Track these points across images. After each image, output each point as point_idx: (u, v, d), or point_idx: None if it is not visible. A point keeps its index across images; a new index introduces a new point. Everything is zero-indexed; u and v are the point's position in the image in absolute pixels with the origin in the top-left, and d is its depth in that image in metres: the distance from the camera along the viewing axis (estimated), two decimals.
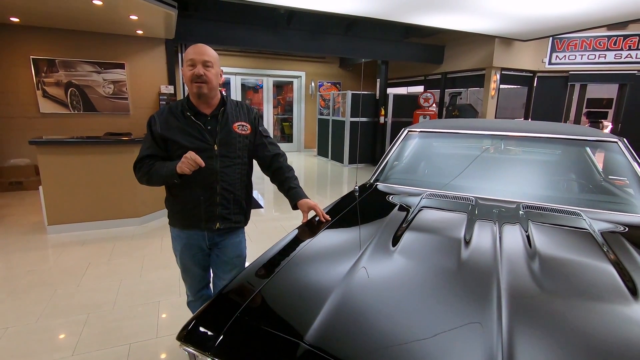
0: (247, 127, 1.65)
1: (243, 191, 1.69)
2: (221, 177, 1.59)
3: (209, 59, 1.52)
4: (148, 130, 1.58)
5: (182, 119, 1.56)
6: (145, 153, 1.58)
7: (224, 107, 1.61)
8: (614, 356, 0.83)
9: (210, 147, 1.55)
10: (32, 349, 2.03)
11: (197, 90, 1.50)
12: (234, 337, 0.98)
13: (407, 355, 0.86)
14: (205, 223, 1.61)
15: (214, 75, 1.53)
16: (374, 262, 1.26)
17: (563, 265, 1.22)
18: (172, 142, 1.54)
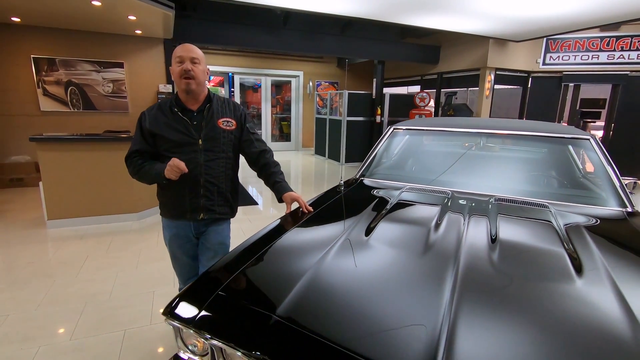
0: (232, 122, 1.73)
1: (228, 184, 1.77)
2: (205, 170, 1.67)
3: (196, 56, 1.61)
4: (138, 126, 1.68)
5: (169, 114, 1.65)
6: (134, 148, 1.67)
7: (210, 104, 1.69)
8: (553, 325, 0.94)
9: (195, 141, 1.64)
10: (32, 334, 2.14)
11: (186, 86, 1.59)
12: (213, 312, 1.09)
13: (367, 325, 0.97)
14: (190, 214, 1.70)
15: (201, 71, 1.62)
16: (347, 248, 1.36)
17: (519, 250, 1.33)
18: (160, 136, 1.63)
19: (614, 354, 0.84)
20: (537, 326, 0.94)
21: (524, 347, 0.87)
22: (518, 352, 0.85)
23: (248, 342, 0.98)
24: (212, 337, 1.03)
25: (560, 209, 1.73)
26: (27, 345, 2.04)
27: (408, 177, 2.30)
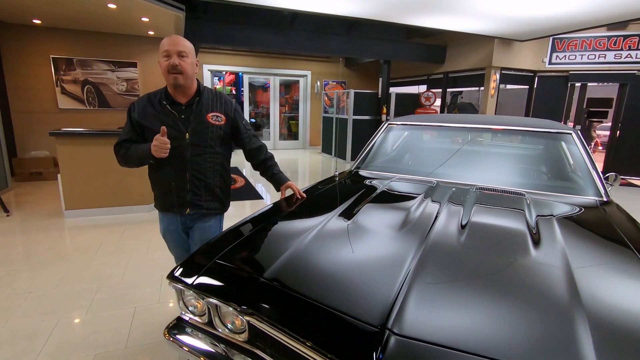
0: (221, 117, 1.69)
1: (217, 179, 1.74)
2: (191, 165, 1.65)
3: (184, 49, 1.56)
4: (128, 116, 1.68)
5: (158, 107, 1.63)
6: (123, 137, 1.68)
7: (199, 97, 1.66)
8: (500, 285, 1.08)
9: (182, 135, 1.61)
10: (52, 308, 2.34)
11: (174, 81, 1.56)
12: (209, 276, 1.26)
13: (338, 286, 1.12)
14: (177, 208, 1.70)
15: (189, 65, 1.58)
16: (330, 227, 1.52)
17: (485, 229, 1.46)
18: (147, 129, 1.62)
19: (552, 311, 0.98)
20: (485, 287, 1.08)
21: (468, 302, 1.01)
22: (462, 304, 1.00)
23: (238, 299, 1.14)
24: (208, 296, 1.20)
25: (536, 197, 1.86)
26: (47, 318, 2.24)
27: (399, 168, 2.44)
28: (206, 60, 9.11)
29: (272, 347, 1.15)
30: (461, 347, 0.86)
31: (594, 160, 2.08)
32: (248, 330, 1.18)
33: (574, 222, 1.62)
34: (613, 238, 1.43)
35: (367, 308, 1.00)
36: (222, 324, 1.24)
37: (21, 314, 2.27)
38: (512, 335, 0.91)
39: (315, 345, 0.96)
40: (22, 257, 3.12)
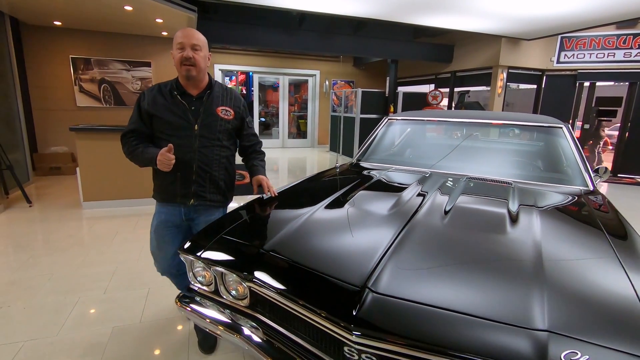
0: (230, 112, 1.73)
1: (222, 172, 1.76)
2: (198, 156, 1.66)
3: (197, 42, 1.58)
4: (136, 105, 1.68)
5: (169, 97, 1.64)
6: (131, 127, 1.69)
7: (211, 90, 1.69)
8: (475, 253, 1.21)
9: (190, 126, 1.64)
10: (74, 287, 2.54)
11: (186, 73, 1.58)
12: (216, 248, 1.41)
13: (327, 255, 1.27)
14: (180, 198, 1.70)
15: (202, 58, 1.60)
16: (327, 208, 1.66)
17: (468, 210, 1.59)
18: (157, 117, 1.64)
19: (516, 277, 1.10)
20: (458, 256, 1.21)
21: (441, 268, 1.14)
22: (435, 269, 1.13)
23: (241, 267, 1.30)
24: (215, 265, 1.35)
25: (523, 186, 1.97)
26: (69, 296, 2.44)
27: (397, 160, 2.57)
28: (217, 60, 9.33)
29: (270, 311, 1.30)
30: (428, 302, 1.00)
31: (582, 153, 2.18)
32: (249, 297, 1.34)
33: (553, 206, 1.73)
34: (586, 221, 1.54)
35: (351, 272, 1.14)
36: (227, 291, 1.40)
37: (46, 292, 2.47)
38: (477, 294, 1.04)
39: (306, 303, 1.10)
40: (44, 243, 3.34)
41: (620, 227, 1.48)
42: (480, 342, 0.91)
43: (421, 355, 0.93)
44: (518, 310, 0.97)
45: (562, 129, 2.32)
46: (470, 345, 0.90)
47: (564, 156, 2.23)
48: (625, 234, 1.42)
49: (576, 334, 0.88)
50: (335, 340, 1.08)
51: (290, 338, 1.23)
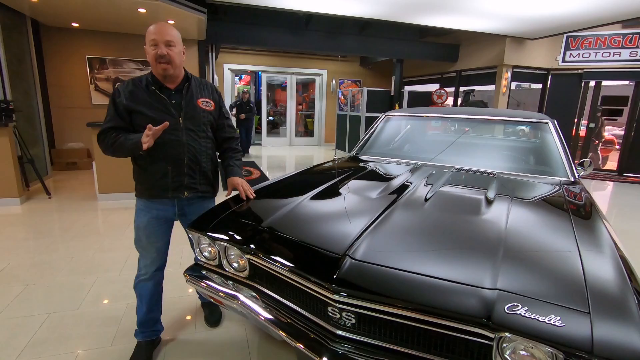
0: (210, 103, 1.73)
1: (209, 164, 1.77)
2: (188, 149, 1.65)
3: (171, 38, 1.53)
4: (111, 102, 1.60)
5: (147, 92, 1.60)
6: (108, 125, 1.60)
7: (188, 83, 1.67)
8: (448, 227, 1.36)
9: (176, 120, 1.61)
10: (91, 269, 2.75)
11: (163, 72, 1.55)
12: (220, 225, 1.59)
13: (317, 230, 1.44)
14: (172, 192, 1.67)
15: (176, 54, 1.56)
16: (322, 192, 1.83)
17: (450, 194, 1.74)
18: (138, 113, 1.58)
19: (479, 247, 1.26)
20: (432, 231, 1.37)
21: (414, 240, 1.31)
22: (409, 241, 1.29)
23: (242, 241, 1.47)
24: (218, 240, 1.53)
25: (505, 177, 2.11)
26: (88, 276, 2.65)
27: (392, 153, 2.72)
28: (226, 60, 9.56)
29: (266, 280, 1.47)
30: (399, 267, 1.16)
31: (565, 146, 2.30)
32: (249, 269, 1.51)
33: (530, 192, 1.87)
34: (556, 205, 1.68)
35: (334, 243, 1.31)
36: (229, 264, 1.58)
37: (66, 273, 2.69)
38: (443, 261, 1.20)
39: (296, 268, 1.27)
40: (63, 231, 3.57)
41: (586, 212, 1.62)
42: (441, 299, 1.07)
43: (392, 311, 1.10)
44: (475, 274, 1.12)
45: (548, 124, 2.44)
46: (432, 301, 1.06)
47: (548, 149, 2.35)
48: (589, 217, 1.56)
49: (521, 292, 1.04)
50: (320, 302, 1.25)
51: (285, 303, 1.40)
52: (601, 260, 1.20)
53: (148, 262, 1.80)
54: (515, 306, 0.99)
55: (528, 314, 0.97)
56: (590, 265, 1.15)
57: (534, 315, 0.96)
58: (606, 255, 1.22)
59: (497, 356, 1.02)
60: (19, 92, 5.12)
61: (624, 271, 1.13)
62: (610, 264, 1.17)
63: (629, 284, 1.06)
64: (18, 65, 5.14)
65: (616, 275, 1.11)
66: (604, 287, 1.05)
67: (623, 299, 1.00)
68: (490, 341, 1.01)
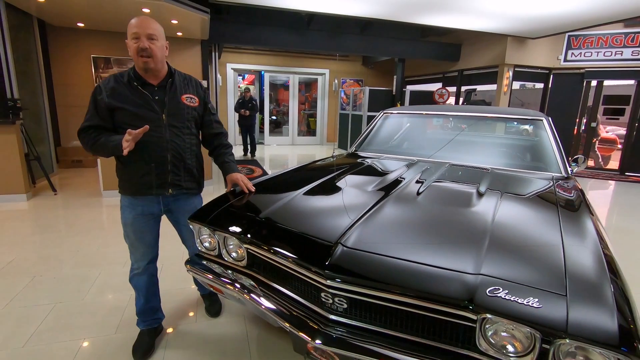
0: (195, 99, 1.71)
1: (194, 160, 1.76)
2: (172, 145, 1.63)
3: (153, 32, 1.51)
4: (92, 100, 1.57)
5: (129, 88, 1.56)
6: (87, 124, 1.58)
7: (172, 79, 1.65)
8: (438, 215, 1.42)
9: (158, 116, 1.59)
10: (96, 262, 2.83)
11: (144, 65, 1.52)
12: (219, 217, 1.65)
13: (312, 220, 1.50)
14: (156, 189, 1.66)
15: (159, 48, 1.53)
16: (318, 185, 1.89)
17: (442, 188, 1.80)
18: (120, 110, 1.55)
19: (467, 236, 1.31)
20: (423, 221, 1.42)
21: (405, 229, 1.36)
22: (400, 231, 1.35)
23: (241, 231, 1.53)
24: (217, 230, 1.59)
25: (499, 172, 2.16)
26: (92, 269, 2.73)
27: (390, 149, 2.77)
28: (229, 60, 9.64)
29: (264, 269, 1.53)
30: (388, 254, 1.22)
31: (559, 143, 2.35)
32: (247, 258, 1.57)
33: (521, 187, 1.91)
34: (545, 198, 1.72)
35: (328, 232, 1.37)
36: (228, 254, 1.64)
37: (72, 266, 2.77)
38: (431, 249, 1.25)
39: (290, 255, 1.33)
40: (68, 226, 3.66)
41: (575, 206, 1.66)
42: (427, 283, 1.12)
43: (381, 295, 1.15)
44: (460, 260, 1.18)
45: (542, 121, 2.49)
46: (418, 285, 1.12)
47: (542, 146, 2.40)
48: (577, 210, 1.60)
49: (502, 277, 1.09)
50: (314, 288, 1.31)
51: (281, 291, 1.46)
52: (583, 250, 1.24)
53: (138, 257, 1.82)
54: (496, 289, 1.05)
55: (508, 296, 1.02)
56: (572, 254, 1.20)
57: (513, 297, 1.02)
58: (588, 246, 1.27)
59: (480, 338, 1.07)
60: (26, 91, 5.22)
61: (604, 261, 1.17)
62: (591, 254, 1.22)
63: (607, 273, 1.11)
64: (25, 64, 5.23)
65: (596, 264, 1.16)
66: (583, 274, 1.10)
67: (599, 286, 1.05)
68: (474, 323, 1.06)
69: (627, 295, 1.05)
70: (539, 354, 1.00)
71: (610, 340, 0.89)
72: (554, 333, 0.94)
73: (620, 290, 1.05)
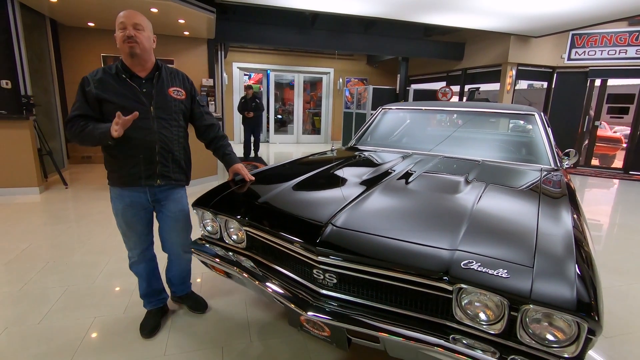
0: (182, 92, 1.75)
1: (181, 152, 1.80)
2: (159, 137, 1.67)
3: (140, 22, 1.57)
4: (80, 90, 1.61)
5: (117, 80, 1.60)
6: (76, 113, 1.60)
7: (159, 72, 1.70)
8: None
9: (146, 109, 1.63)
10: (105, 250, 2.97)
11: (129, 49, 1.54)
12: (221, 202, 1.77)
13: (307, 203, 1.61)
14: (145, 180, 1.70)
15: (145, 38, 1.59)
16: (314, 174, 2.00)
17: (432, 177, 1.89)
18: (108, 102, 1.58)
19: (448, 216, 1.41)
20: (411, 204, 1.53)
21: (392, 210, 1.46)
22: (387, 211, 1.45)
23: (240, 214, 1.65)
24: (218, 214, 1.71)
25: (489, 163, 2.24)
26: (102, 256, 2.86)
27: (387, 143, 2.87)
28: (235, 59, 9.79)
29: (261, 249, 1.65)
30: (375, 233, 1.32)
31: (550, 137, 2.42)
32: (246, 240, 1.69)
33: (508, 176, 2.00)
34: (531, 187, 1.81)
35: (320, 213, 1.47)
36: (229, 236, 1.75)
37: (83, 253, 2.91)
38: (416, 228, 1.35)
39: (285, 235, 1.44)
40: (79, 217, 3.81)
41: (557, 194, 1.75)
42: (409, 257, 1.22)
43: (367, 269, 1.26)
44: (440, 238, 1.28)
45: (534, 115, 2.57)
46: (401, 259, 1.22)
47: (534, 139, 2.48)
48: (558, 198, 1.69)
49: (477, 252, 1.19)
50: (307, 265, 1.42)
51: (277, 269, 1.57)
52: (556, 232, 1.32)
53: (131, 245, 1.88)
54: (470, 262, 1.15)
55: (480, 268, 1.12)
56: (544, 235, 1.28)
57: (485, 269, 1.12)
58: (562, 229, 1.34)
59: (456, 307, 1.17)
60: (39, 88, 5.40)
61: (573, 242, 1.24)
62: (562, 236, 1.29)
63: (573, 252, 1.18)
64: (38, 63, 5.42)
65: (565, 245, 1.23)
66: (551, 251, 1.19)
67: (564, 261, 1.14)
68: (450, 294, 1.16)
69: (592, 271, 1.14)
70: (508, 321, 1.10)
71: (568, 305, 0.99)
72: (519, 300, 1.04)
73: (585, 266, 1.14)
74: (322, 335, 1.42)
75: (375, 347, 1.36)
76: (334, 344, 1.41)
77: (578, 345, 1.02)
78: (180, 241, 2.00)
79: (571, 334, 1.03)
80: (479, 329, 1.15)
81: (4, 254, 2.84)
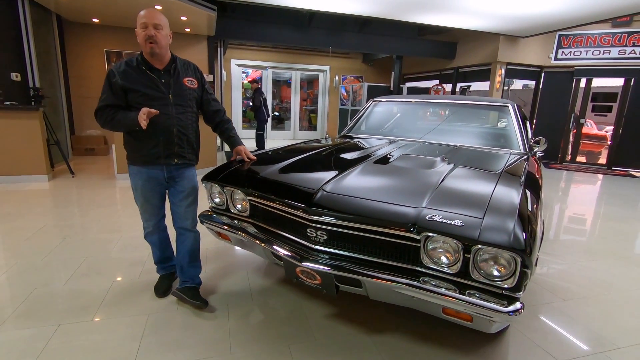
0: (194, 82, 1.98)
1: (194, 135, 2.02)
2: (177, 121, 1.89)
3: (159, 22, 1.75)
4: (107, 82, 1.82)
5: (138, 72, 1.82)
6: (105, 103, 1.82)
7: (175, 64, 1.90)
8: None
9: (165, 96, 1.85)
10: (117, 229, 3.22)
11: (150, 50, 1.77)
12: (228, 176, 2.03)
13: (302, 176, 1.88)
14: (164, 159, 1.92)
15: (163, 36, 1.79)
16: (313, 154, 2.27)
17: (412, 156, 2.17)
18: (133, 91, 1.80)
19: (423, 184, 1.68)
20: (393, 174, 1.80)
21: (376, 179, 1.74)
22: (372, 180, 1.73)
23: (245, 186, 1.91)
24: (225, 185, 1.97)
25: (466, 148, 2.52)
26: (115, 234, 3.12)
27: (376, 132, 3.14)
28: (234, 56, 10.02)
29: (263, 217, 1.91)
30: (359, 196, 1.59)
31: (521, 126, 2.70)
32: (249, 209, 1.95)
33: (480, 156, 2.28)
34: (497, 165, 2.08)
35: (313, 183, 1.74)
36: (234, 206, 2.02)
37: (96, 231, 3.16)
38: (392, 192, 1.62)
39: (284, 199, 1.71)
40: (89, 201, 4.05)
41: (518, 170, 2.01)
42: (385, 213, 1.49)
43: (352, 225, 1.53)
44: (412, 199, 1.55)
45: (508, 107, 2.85)
46: (378, 215, 1.49)
47: (507, 128, 2.76)
48: (519, 174, 1.95)
49: (440, 208, 1.46)
50: (302, 225, 1.68)
51: (276, 232, 1.84)
52: (506, 198, 1.58)
53: (147, 217, 2.09)
54: (433, 215, 1.42)
55: (441, 220, 1.40)
56: (496, 199, 1.54)
57: (444, 220, 1.39)
58: (512, 196, 1.60)
59: (423, 254, 1.45)
60: (46, 82, 5.62)
61: (518, 206, 1.50)
62: (510, 200, 1.54)
63: (516, 209, 1.44)
64: (45, 57, 5.63)
65: (512, 203, 1.50)
66: (499, 209, 1.45)
67: (508, 216, 1.40)
68: (419, 243, 1.44)
69: (531, 226, 1.39)
70: (464, 262, 1.37)
71: (505, 244, 1.26)
72: (469, 242, 1.32)
73: (524, 221, 1.39)
74: (314, 283, 1.69)
75: (358, 292, 1.63)
76: (325, 290, 1.69)
77: (515, 277, 1.30)
78: (190, 215, 2.23)
79: (510, 268, 1.31)
80: (441, 270, 1.43)
81: (23, 232, 3.08)
